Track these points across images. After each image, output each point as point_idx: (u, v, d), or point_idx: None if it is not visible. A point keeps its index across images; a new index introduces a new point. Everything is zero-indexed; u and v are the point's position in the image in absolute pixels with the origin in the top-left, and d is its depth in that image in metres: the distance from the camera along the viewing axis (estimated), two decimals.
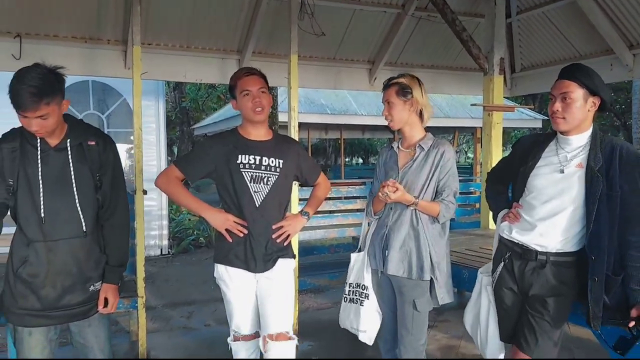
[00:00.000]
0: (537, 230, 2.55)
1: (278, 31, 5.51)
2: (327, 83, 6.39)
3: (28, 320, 2.41)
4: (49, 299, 2.42)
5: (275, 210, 2.85)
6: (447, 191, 2.80)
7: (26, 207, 2.38)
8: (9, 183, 2.37)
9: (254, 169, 2.79)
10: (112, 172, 2.56)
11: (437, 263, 2.79)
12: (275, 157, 2.84)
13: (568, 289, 2.53)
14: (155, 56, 5.26)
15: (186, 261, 8.26)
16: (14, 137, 2.41)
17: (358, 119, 12.53)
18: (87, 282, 2.50)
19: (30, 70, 2.26)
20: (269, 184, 2.80)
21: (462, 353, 4.33)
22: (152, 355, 4.26)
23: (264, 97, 2.79)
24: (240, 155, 2.80)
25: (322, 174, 3.14)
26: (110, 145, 2.58)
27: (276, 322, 2.81)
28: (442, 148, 2.83)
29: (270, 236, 2.82)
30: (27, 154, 2.38)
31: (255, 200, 2.78)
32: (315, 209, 3.10)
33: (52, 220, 2.38)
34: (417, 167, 2.84)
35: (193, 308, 5.67)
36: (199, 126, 18.56)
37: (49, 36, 4.88)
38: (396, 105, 2.85)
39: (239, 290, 2.84)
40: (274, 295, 2.82)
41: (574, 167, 2.47)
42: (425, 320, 2.85)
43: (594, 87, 2.41)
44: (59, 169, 2.41)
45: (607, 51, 5.52)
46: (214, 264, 2.90)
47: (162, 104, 8.54)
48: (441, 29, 5.98)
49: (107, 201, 2.55)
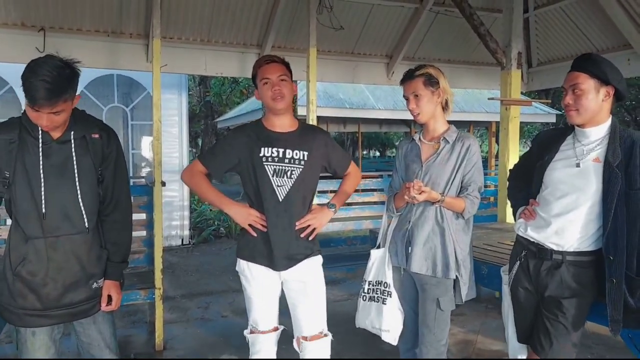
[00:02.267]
0: (553, 228, 2.37)
1: (297, 25, 5.44)
2: (345, 77, 6.26)
3: (28, 321, 2.23)
4: (50, 298, 2.23)
5: (300, 205, 2.64)
6: (473, 186, 2.61)
7: (25, 201, 2.18)
8: (5, 175, 2.16)
9: (277, 162, 2.60)
10: (114, 166, 2.37)
11: (462, 260, 2.61)
12: (300, 149, 2.63)
13: (586, 290, 2.35)
14: (176, 49, 5.20)
15: (206, 251, 8.18)
16: (11, 127, 2.20)
17: (375, 113, 12.42)
18: (90, 279, 2.31)
19: (45, 63, 2.07)
20: (292, 177, 2.60)
21: (478, 348, 4.17)
22: (168, 346, 4.15)
23: (284, 85, 2.58)
24: (263, 147, 2.61)
25: (353, 164, 2.90)
26: (114, 139, 2.39)
27: (310, 324, 2.70)
28: (468, 141, 2.64)
29: (295, 232, 2.62)
30: (27, 145, 2.17)
31: (278, 195, 2.59)
32: (343, 201, 2.89)
33: (53, 215, 2.19)
34: (442, 160, 2.65)
35: (211, 299, 5.56)
36: (222, 119, 18.64)
37: (72, 30, 4.84)
38: (424, 97, 2.64)
39: (260, 287, 2.69)
40: (307, 298, 2.68)
41: (591, 162, 2.29)
42: (448, 320, 2.67)
43: (605, 76, 2.22)
44: (61, 162, 2.21)
45: (624, 46, 5.36)
46: (237, 258, 2.74)
47: (184, 97, 8.44)
48: (459, 23, 5.84)
49: (109, 196, 2.35)
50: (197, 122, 24.91)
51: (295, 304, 2.72)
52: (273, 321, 2.77)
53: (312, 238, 2.68)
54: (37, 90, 2.02)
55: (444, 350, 2.66)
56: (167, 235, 8.24)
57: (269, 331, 2.76)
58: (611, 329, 2.24)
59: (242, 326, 2.87)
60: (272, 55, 2.72)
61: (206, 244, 8.65)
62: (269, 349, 2.79)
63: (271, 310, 2.75)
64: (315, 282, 2.71)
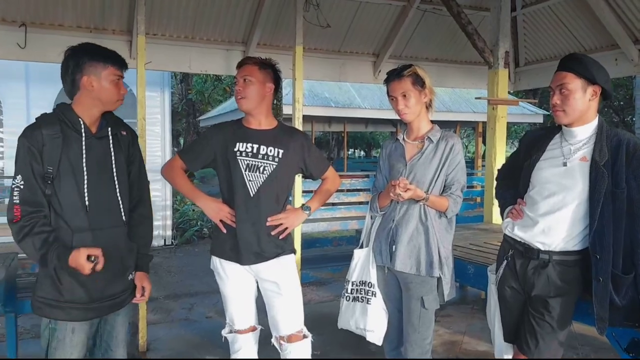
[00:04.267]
0: (539, 227, 2.42)
1: (283, 22, 5.45)
2: (331, 75, 6.28)
3: (76, 314, 2.24)
4: (97, 290, 2.27)
5: (272, 202, 2.72)
6: (456, 185, 2.66)
7: (70, 195, 2.22)
8: (48, 170, 2.18)
9: (250, 157, 2.69)
10: (139, 164, 2.49)
11: (446, 259, 2.65)
12: (275, 147, 2.72)
13: (572, 289, 2.40)
14: (160, 46, 5.19)
15: (189, 252, 8.17)
16: (52, 122, 2.24)
17: (361, 112, 12.46)
18: (126, 270, 2.39)
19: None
20: (265, 173, 2.69)
21: (464, 349, 4.23)
22: (151, 347, 4.16)
23: (246, 86, 2.68)
24: (238, 143, 2.72)
25: (331, 169, 2.99)
26: (136, 138, 2.53)
27: (286, 324, 2.77)
28: (452, 141, 2.68)
29: (265, 228, 2.70)
30: (70, 140, 2.22)
31: (249, 189, 2.68)
32: (319, 205, 2.99)
33: (96, 209, 2.25)
34: (426, 159, 2.68)
35: (195, 300, 5.58)
36: (204, 118, 18.54)
37: (54, 25, 4.81)
38: (413, 97, 2.67)
39: (233, 284, 2.78)
40: (282, 298, 2.74)
41: (578, 161, 2.34)
42: (432, 318, 2.71)
43: (591, 75, 2.28)
44: (101, 157, 2.29)
45: (612, 46, 5.42)
46: (211, 255, 2.84)
47: (167, 95, 8.43)
48: (446, 22, 5.90)
49: (135, 192, 2.45)
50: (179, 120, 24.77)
51: (270, 303, 2.80)
52: (250, 320, 2.85)
53: (282, 237, 2.75)
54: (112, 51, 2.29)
55: (429, 348, 2.70)
56: None
57: (247, 330, 2.84)
58: (597, 327, 2.29)
59: None
60: (249, 57, 2.82)
61: (189, 245, 8.64)
62: (249, 349, 2.87)
63: (246, 309, 2.83)
64: (288, 282, 2.77)
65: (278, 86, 2.83)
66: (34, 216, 2.15)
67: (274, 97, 2.82)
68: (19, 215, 2.15)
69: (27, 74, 7.84)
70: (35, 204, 2.17)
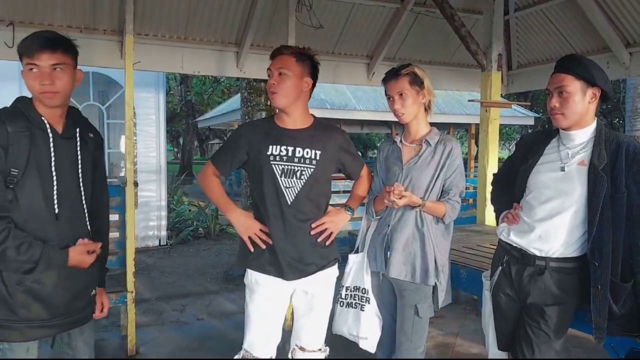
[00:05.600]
0: (536, 233, 2.28)
1: (276, 23, 5.31)
2: (324, 77, 6.12)
3: (30, 334, 1.98)
4: (58, 305, 2.02)
5: (313, 209, 2.45)
6: (454, 190, 2.53)
7: (35, 202, 1.93)
8: (12, 173, 1.88)
9: (285, 161, 2.40)
10: (101, 172, 2.21)
11: (442, 266, 2.53)
12: (312, 148, 2.43)
13: (569, 298, 2.27)
14: (152, 47, 5.01)
15: (184, 252, 8.01)
16: (17, 116, 1.94)
17: (357, 114, 12.44)
18: (89, 285, 2.14)
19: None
20: (302, 179, 2.40)
21: (457, 351, 4.10)
22: (141, 350, 4.01)
23: (281, 80, 2.37)
24: (271, 146, 2.42)
25: (366, 167, 2.71)
26: (102, 141, 2.25)
27: (310, 339, 2.57)
28: (450, 145, 2.55)
29: (308, 238, 2.43)
30: (37, 139, 1.94)
31: (287, 197, 2.39)
32: (359, 204, 2.75)
33: (65, 218, 1.99)
34: (423, 163, 2.54)
35: (187, 301, 5.41)
36: (202, 119, 18.48)
37: (43, 25, 4.61)
38: (409, 97, 2.52)
39: (267, 302, 2.47)
40: (312, 312, 2.52)
41: (576, 165, 2.20)
42: (426, 327, 2.58)
43: (591, 77, 2.14)
44: (68, 160, 2.02)
45: (604, 49, 5.30)
46: (245, 269, 2.52)
47: (162, 96, 8.25)
48: (440, 24, 5.77)
49: (96, 203, 2.16)
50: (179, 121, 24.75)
51: (300, 316, 2.57)
52: (272, 347, 2.53)
53: (329, 243, 2.51)
54: (35, 40, 1.91)
55: (421, 357, 2.57)
56: (143, 236, 8.06)
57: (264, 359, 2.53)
58: (595, 337, 2.17)
59: (219, 329, 2.77)
60: (285, 46, 2.54)
61: (184, 245, 8.47)
62: None
63: (273, 334, 2.52)
64: (324, 297, 2.55)
65: (316, 80, 2.51)
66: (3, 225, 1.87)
67: (311, 93, 2.52)
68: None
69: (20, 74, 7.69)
70: (2, 209, 1.89)
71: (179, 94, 23.27)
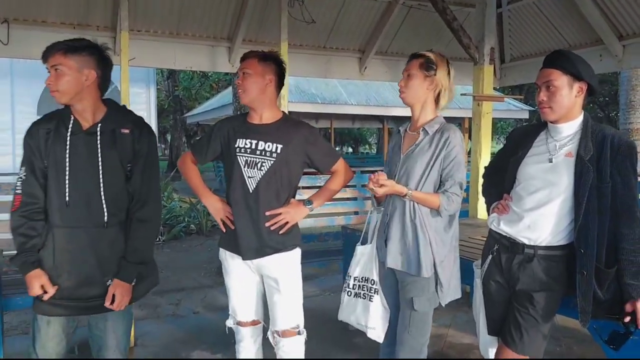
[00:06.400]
0: (525, 222, 2.42)
1: (268, 18, 5.41)
2: (317, 72, 6.27)
3: (43, 308, 2.28)
4: (65, 288, 2.26)
5: (271, 198, 2.68)
6: (450, 182, 2.50)
7: (52, 190, 2.26)
8: (45, 164, 2.26)
9: (249, 153, 2.68)
10: (143, 163, 2.38)
11: (441, 261, 2.52)
12: (274, 142, 2.67)
13: (556, 284, 2.41)
14: (145, 42, 5.14)
15: (176, 248, 8.12)
16: (51, 119, 2.32)
17: (348, 108, 12.51)
18: (105, 275, 2.31)
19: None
20: (262, 170, 2.66)
21: (450, 342, 4.24)
22: (139, 342, 4.13)
23: (245, 79, 2.67)
24: (239, 139, 2.72)
25: (341, 161, 2.86)
26: (147, 136, 2.41)
27: (283, 319, 2.76)
28: (447, 133, 2.52)
29: (264, 223, 2.66)
30: (59, 135, 2.27)
31: (249, 186, 2.67)
32: (323, 200, 2.91)
33: (75, 206, 2.24)
34: (419, 152, 2.55)
35: (182, 295, 5.53)
36: (191, 114, 18.45)
37: (37, 21, 4.74)
38: (415, 78, 2.57)
39: (235, 276, 2.82)
40: (280, 294, 2.73)
41: (563, 157, 2.35)
42: (426, 320, 2.60)
43: (577, 72, 2.28)
44: (86, 154, 2.26)
45: (597, 42, 5.42)
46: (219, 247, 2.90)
47: (153, 92, 8.39)
48: (432, 18, 5.87)
49: (137, 193, 2.37)
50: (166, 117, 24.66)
51: (269, 299, 2.80)
52: (251, 314, 2.86)
53: (282, 232, 2.70)
54: (47, 47, 2.23)
55: (420, 349, 2.60)
56: None
57: (248, 324, 2.86)
58: (580, 320, 2.31)
59: (215, 322, 2.90)
60: (251, 51, 2.78)
61: (176, 241, 8.58)
62: (249, 342, 2.88)
63: (248, 302, 2.84)
64: (287, 278, 2.74)
65: (281, 79, 2.78)
66: (28, 210, 2.24)
67: (277, 90, 2.77)
68: (17, 206, 2.26)
69: (12, 71, 7.76)
70: (32, 196, 2.26)
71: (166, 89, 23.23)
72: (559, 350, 4.01)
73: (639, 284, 2.19)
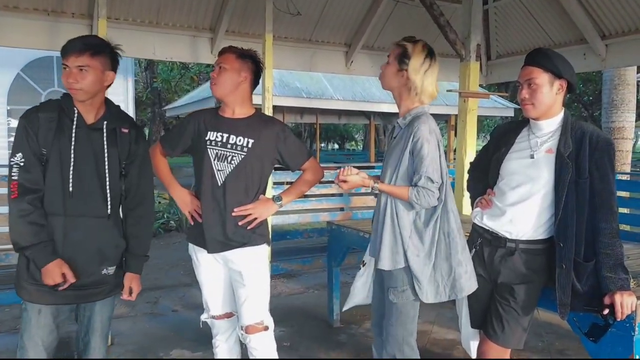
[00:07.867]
0: (507, 216, 2.54)
1: (252, 9, 5.42)
2: (302, 65, 6.30)
3: (36, 296, 2.35)
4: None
5: (240, 193, 2.77)
6: (417, 176, 2.44)
7: (53, 179, 2.33)
8: (42, 152, 2.32)
9: (219, 146, 2.76)
10: (141, 163, 2.56)
11: (415, 254, 2.49)
12: (245, 136, 2.76)
13: (536, 276, 2.53)
14: (122, 31, 5.05)
15: (155, 245, 8.08)
16: (52, 107, 2.40)
17: (334, 103, 12.48)
18: (101, 264, 2.44)
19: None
20: (232, 163, 2.74)
21: (433, 338, 4.35)
22: (115, 341, 4.17)
23: (219, 72, 2.76)
24: (210, 132, 2.79)
25: (312, 160, 2.98)
26: (142, 136, 2.60)
27: (247, 314, 2.81)
28: (415, 126, 2.47)
29: (231, 217, 2.74)
30: (63, 127, 2.36)
31: (217, 179, 2.75)
32: (293, 197, 3.03)
33: (78, 196, 2.35)
34: (395, 146, 2.59)
35: (160, 293, 5.57)
36: (171, 107, 18.25)
37: (8, 7, 4.61)
38: (389, 67, 2.62)
39: (204, 269, 2.90)
40: (244, 288, 2.80)
41: (544, 153, 2.47)
42: (405, 312, 2.57)
43: (558, 70, 2.40)
44: (91, 148, 2.39)
45: (580, 40, 5.54)
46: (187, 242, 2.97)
47: (131, 83, 8.38)
48: (419, 13, 5.95)
49: (133, 192, 2.53)
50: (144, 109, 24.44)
51: (235, 293, 2.87)
52: (224, 306, 2.95)
53: (250, 227, 2.78)
54: (69, 43, 2.32)
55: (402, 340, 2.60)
56: None
57: (222, 317, 2.95)
58: (559, 312, 2.42)
59: (194, 320, 2.96)
60: (230, 46, 2.88)
61: (155, 238, 8.58)
62: (225, 335, 2.98)
63: (219, 295, 2.93)
64: (252, 272, 2.81)
65: (256, 77, 2.87)
66: (33, 196, 2.29)
67: (252, 88, 2.86)
68: (17, 193, 2.28)
69: None
70: (35, 183, 2.31)
71: (144, 80, 23.07)
72: (541, 346, 4.14)
73: (617, 276, 2.30)
